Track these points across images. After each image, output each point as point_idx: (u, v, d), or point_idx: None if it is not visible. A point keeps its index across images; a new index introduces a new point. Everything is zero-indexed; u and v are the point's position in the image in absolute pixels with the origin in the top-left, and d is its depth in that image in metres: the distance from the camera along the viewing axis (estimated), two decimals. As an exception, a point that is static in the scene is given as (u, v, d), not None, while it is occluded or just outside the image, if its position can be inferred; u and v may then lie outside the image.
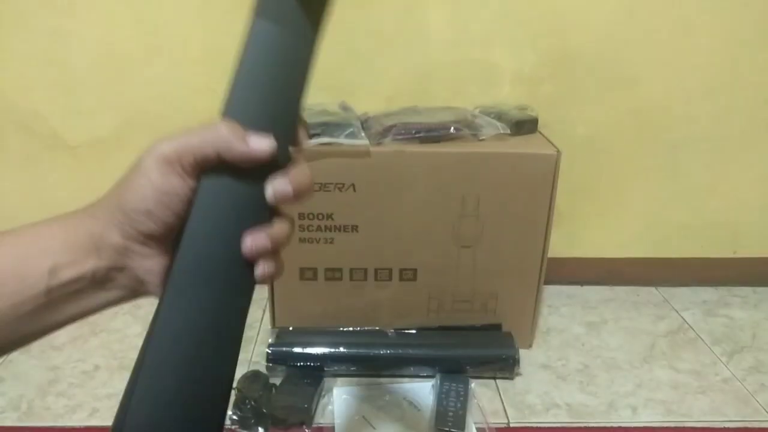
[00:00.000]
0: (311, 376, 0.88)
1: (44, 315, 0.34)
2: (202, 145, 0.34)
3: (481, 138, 0.91)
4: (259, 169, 0.35)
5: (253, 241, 0.35)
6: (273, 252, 0.36)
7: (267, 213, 0.36)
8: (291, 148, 0.37)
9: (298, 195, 0.36)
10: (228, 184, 0.34)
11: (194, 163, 0.34)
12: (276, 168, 0.35)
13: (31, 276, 0.33)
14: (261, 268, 0.36)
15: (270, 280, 0.36)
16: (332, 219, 0.90)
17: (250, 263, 0.35)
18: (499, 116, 0.96)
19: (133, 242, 0.35)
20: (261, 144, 0.35)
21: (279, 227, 0.36)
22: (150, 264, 0.35)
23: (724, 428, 0.85)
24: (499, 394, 0.91)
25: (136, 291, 0.36)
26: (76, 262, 0.34)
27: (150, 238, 0.35)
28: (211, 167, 0.34)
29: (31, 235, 0.34)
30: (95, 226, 0.35)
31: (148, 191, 0.34)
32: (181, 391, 0.34)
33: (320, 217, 0.90)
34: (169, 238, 0.35)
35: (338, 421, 0.83)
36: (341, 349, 0.91)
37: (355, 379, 0.92)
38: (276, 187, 0.35)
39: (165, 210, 0.34)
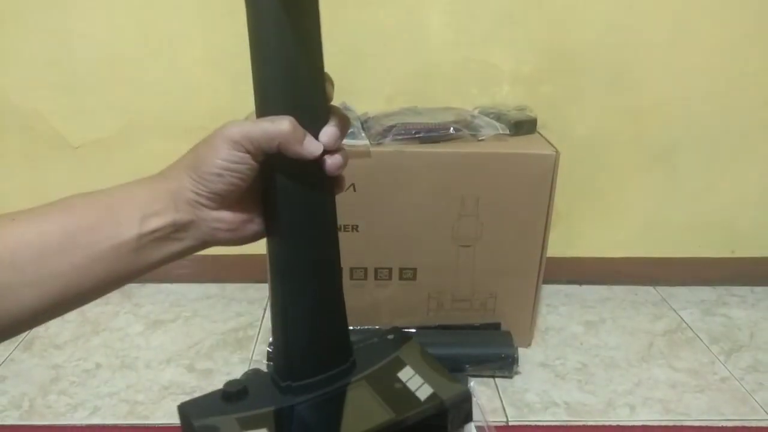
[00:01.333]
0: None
1: (136, 257, 0.40)
2: (266, 136, 0.40)
3: (480, 138, 0.91)
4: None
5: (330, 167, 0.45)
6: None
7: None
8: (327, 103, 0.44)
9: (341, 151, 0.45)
10: (295, 166, 0.42)
11: (258, 148, 0.41)
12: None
13: (125, 223, 0.39)
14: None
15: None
16: (332, 219, 0.90)
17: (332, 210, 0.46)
18: (499, 117, 0.96)
19: (203, 198, 0.41)
20: (312, 147, 0.43)
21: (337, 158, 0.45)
22: (218, 216, 0.42)
23: (722, 427, 0.86)
24: (498, 393, 0.91)
25: (206, 241, 0.43)
26: (160, 213, 0.40)
27: (218, 195, 0.41)
28: (274, 154, 0.41)
29: (122, 191, 0.41)
30: (172, 185, 0.41)
31: (217, 160, 0.40)
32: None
33: (320, 216, 0.90)
34: (234, 196, 0.42)
35: (338, 420, 0.83)
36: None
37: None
38: (329, 164, 0.45)
39: (231, 175, 0.41)
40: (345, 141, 0.86)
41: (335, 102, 1.05)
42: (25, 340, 1.01)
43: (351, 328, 0.95)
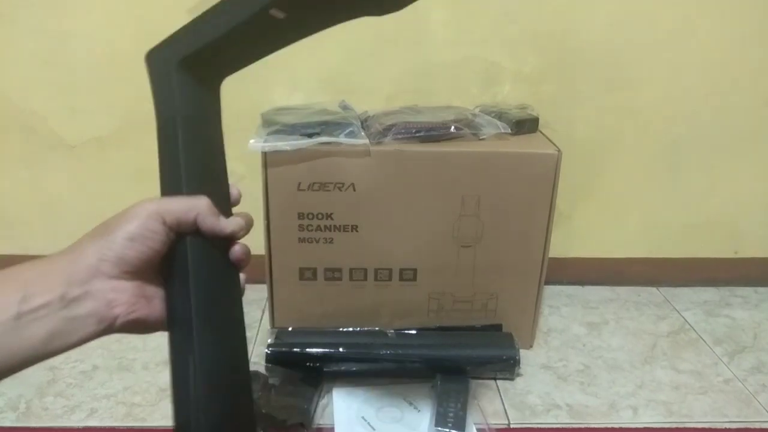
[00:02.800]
0: (311, 376, 0.88)
1: (13, 338, 0.36)
2: (185, 207, 0.42)
3: (481, 137, 0.90)
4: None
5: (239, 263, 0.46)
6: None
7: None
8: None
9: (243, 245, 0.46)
10: (207, 243, 0.43)
11: (174, 220, 0.41)
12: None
13: (3, 302, 0.36)
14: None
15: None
16: (332, 219, 0.90)
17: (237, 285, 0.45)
18: (500, 115, 0.96)
19: (107, 264, 0.39)
20: (225, 224, 0.44)
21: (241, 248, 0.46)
22: (117, 285, 0.39)
23: (726, 429, 0.85)
24: (500, 395, 0.90)
25: (101, 318, 0.39)
26: (46, 289, 0.37)
27: (123, 261, 0.39)
28: (189, 229, 0.42)
29: (8, 270, 0.38)
30: (68, 257, 0.39)
31: (131, 227, 0.40)
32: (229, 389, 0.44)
33: (320, 216, 0.90)
34: (138, 268, 0.40)
35: (338, 422, 0.83)
36: (341, 350, 0.91)
37: (354, 380, 0.91)
38: (236, 250, 0.45)
39: (143, 243, 0.40)
40: (345, 140, 0.85)
41: (335, 101, 1.05)
42: (22, 341, 1.00)
43: (351, 329, 0.95)
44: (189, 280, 0.42)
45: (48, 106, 1.06)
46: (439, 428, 0.80)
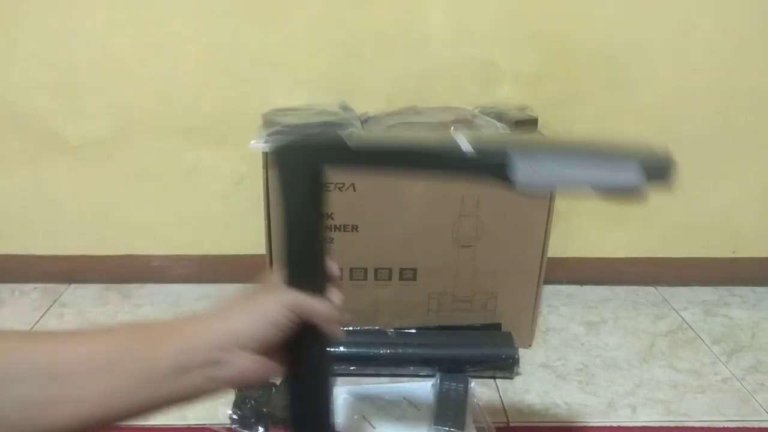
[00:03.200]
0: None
1: (166, 387, 0.41)
2: (310, 311, 0.47)
3: (480, 138, 0.91)
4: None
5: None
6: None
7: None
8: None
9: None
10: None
11: (309, 319, 0.47)
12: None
13: (166, 353, 0.42)
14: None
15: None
16: (332, 219, 0.90)
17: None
18: (499, 116, 0.96)
19: (248, 339, 0.44)
20: (340, 333, 0.51)
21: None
22: (251, 358, 0.44)
23: (724, 428, 0.86)
24: (499, 394, 0.91)
25: (235, 382, 0.45)
26: (200, 348, 0.42)
27: (261, 342, 0.45)
28: (312, 323, 0.48)
29: (171, 321, 0.45)
30: (221, 320, 0.45)
31: (276, 315, 0.45)
32: None
33: (320, 216, 0.90)
34: (269, 346, 0.45)
35: (338, 421, 0.83)
36: (341, 349, 0.91)
37: (354, 379, 0.92)
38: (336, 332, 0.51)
39: (281, 329, 0.45)
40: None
41: (335, 102, 1.06)
42: (24, 340, 1.01)
43: (351, 328, 0.95)
44: (323, 362, 0.52)
45: (49, 106, 1.06)
46: (439, 427, 0.80)
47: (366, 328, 0.95)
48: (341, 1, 1.01)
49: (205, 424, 0.82)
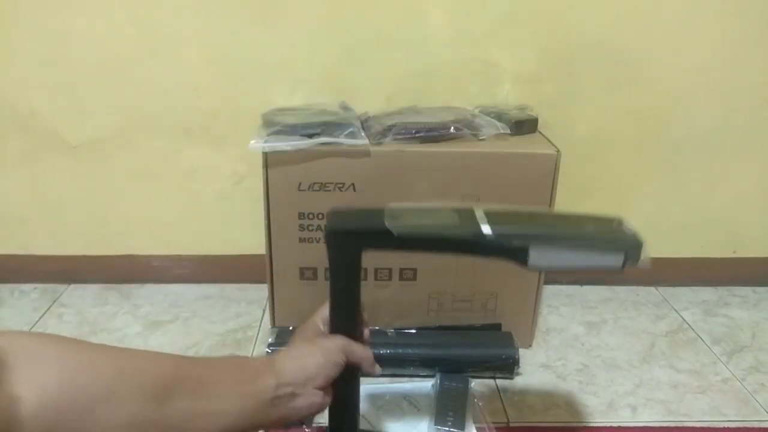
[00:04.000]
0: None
1: (262, 415, 0.51)
2: (359, 358, 0.60)
3: (481, 138, 0.91)
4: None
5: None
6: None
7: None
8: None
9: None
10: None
11: (355, 362, 0.60)
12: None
13: (266, 386, 0.52)
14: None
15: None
16: (332, 219, 0.90)
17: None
18: (499, 116, 0.96)
19: (318, 378, 0.56)
20: (377, 370, 0.63)
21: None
22: (317, 393, 0.56)
23: (724, 428, 0.85)
24: (499, 394, 0.91)
25: (303, 414, 0.55)
26: (287, 383, 0.53)
27: (326, 380, 0.57)
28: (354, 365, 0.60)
29: (268, 357, 0.57)
30: (299, 359, 0.56)
31: (339, 359, 0.57)
32: None
33: (320, 216, 0.90)
34: (323, 386, 0.57)
35: (338, 421, 0.83)
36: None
37: (355, 379, 0.92)
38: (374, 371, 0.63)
39: (339, 369, 0.57)
40: (345, 141, 0.86)
41: (335, 101, 1.06)
42: (24, 340, 1.01)
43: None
44: (357, 395, 0.66)
45: (49, 106, 1.06)
46: (439, 427, 0.80)
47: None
48: (341, 1, 1.01)
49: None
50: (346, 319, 0.62)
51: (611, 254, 0.55)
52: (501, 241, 0.54)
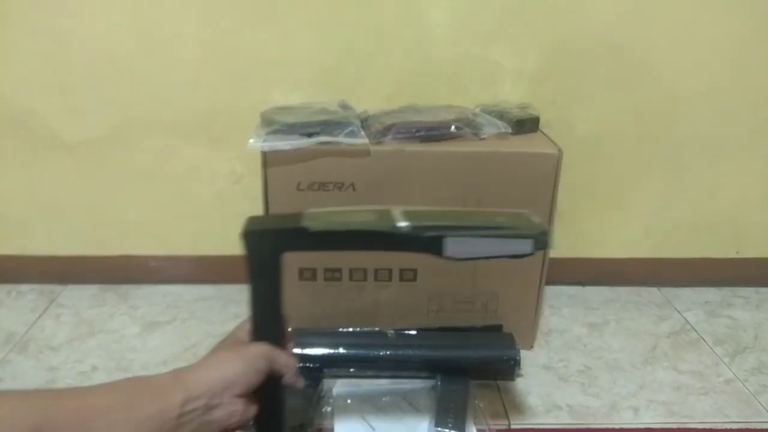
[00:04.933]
0: (311, 377, 0.88)
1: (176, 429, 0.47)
2: (282, 364, 0.57)
3: (482, 137, 0.90)
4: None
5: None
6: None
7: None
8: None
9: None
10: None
11: (278, 370, 0.56)
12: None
13: (172, 403, 0.47)
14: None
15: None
16: (332, 219, 0.89)
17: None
18: (501, 115, 0.95)
19: (237, 385, 0.52)
20: (299, 382, 0.59)
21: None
22: (237, 401, 0.52)
23: (727, 429, 0.85)
24: (500, 396, 0.90)
25: (224, 424, 0.51)
26: (199, 395, 0.49)
27: (247, 387, 0.53)
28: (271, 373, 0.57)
29: (176, 371, 0.50)
30: (214, 368, 0.52)
31: (261, 365, 0.54)
32: None
33: (319, 216, 0.89)
34: (250, 391, 0.54)
35: (338, 423, 0.82)
36: (341, 350, 0.90)
37: (354, 381, 0.91)
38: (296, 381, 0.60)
39: (260, 376, 0.54)
40: (344, 140, 0.85)
41: (334, 100, 1.05)
42: (21, 341, 1.00)
43: (351, 329, 0.95)
44: (282, 405, 0.62)
45: (46, 105, 1.05)
46: (439, 429, 0.80)
47: (366, 329, 0.94)
48: (341, 0, 1.00)
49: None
50: (268, 325, 0.60)
51: (521, 240, 0.58)
52: (416, 233, 0.56)
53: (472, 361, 0.91)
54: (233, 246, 1.15)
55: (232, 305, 1.13)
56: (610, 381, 0.94)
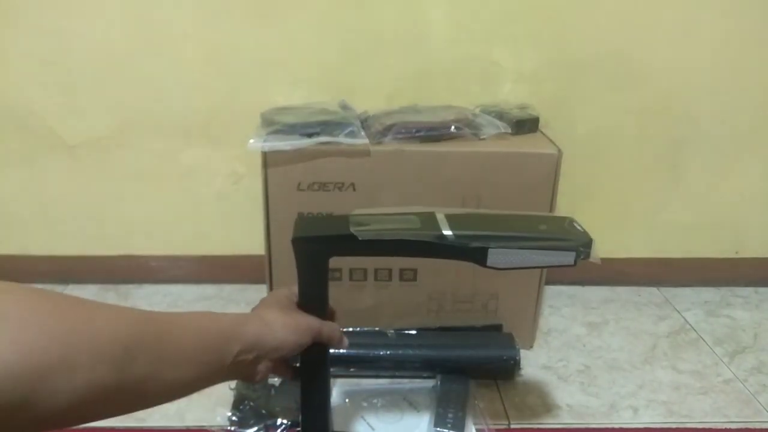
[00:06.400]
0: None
1: (219, 377, 0.52)
2: (331, 337, 0.62)
3: (481, 137, 0.90)
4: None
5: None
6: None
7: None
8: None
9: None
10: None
11: (319, 339, 0.61)
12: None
13: (227, 352, 0.52)
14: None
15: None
16: (332, 219, 0.90)
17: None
18: (500, 115, 0.95)
19: (274, 351, 0.57)
20: (345, 344, 0.66)
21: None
22: (267, 365, 0.57)
23: (726, 429, 0.85)
24: (500, 395, 0.90)
25: (250, 377, 0.56)
26: (246, 350, 0.53)
27: (282, 357, 0.59)
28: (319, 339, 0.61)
29: (234, 323, 0.54)
30: (264, 328, 0.56)
31: (304, 340, 0.59)
32: None
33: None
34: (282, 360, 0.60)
35: (337, 422, 0.82)
36: (340, 350, 0.90)
37: (354, 380, 0.91)
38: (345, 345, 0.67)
39: (300, 349, 0.60)
40: (345, 140, 0.85)
41: (334, 101, 1.05)
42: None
43: (351, 329, 0.95)
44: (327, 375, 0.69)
45: (47, 105, 1.06)
46: (438, 429, 0.80)
47: (366, 329, 0.94)
48: (341, 0, 1.01)
49: (203, 426, 0.82)
50: (312, 311, 0.63)
51: (564, 252, 0.59)
52: (461, 243, 0.57)
53: (472, 361, 0.91)
54: (233, 246, 1.16)
55: (232, 305, 1.13)
56: (610, 381, 0.94)
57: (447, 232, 0.58)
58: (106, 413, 0.43)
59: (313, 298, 0.62)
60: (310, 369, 0.64)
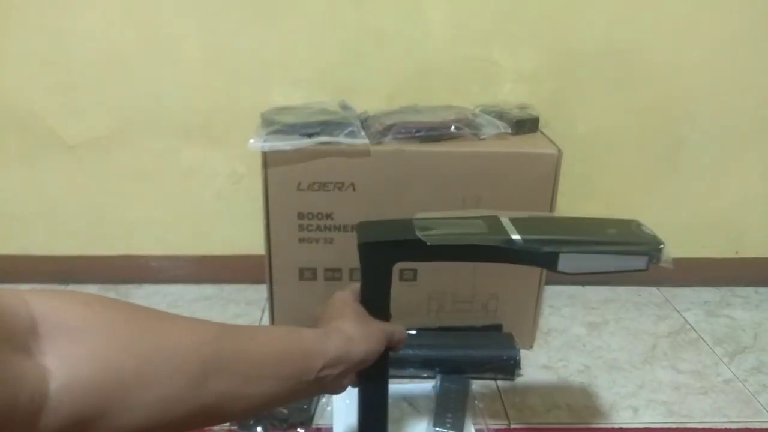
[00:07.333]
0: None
1: (303, 393, 0.52)
2: (400, 339, 0.62)
3: (481, 137, 0.90)
4: None
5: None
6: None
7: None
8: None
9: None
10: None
11: (391, 342, 0.61)
12: None
13: (311, 367, 0.51)
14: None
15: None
16: (332, 219, 0.90)
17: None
18: (500, 115, 0.95)
19: (353, 364, 0.56)
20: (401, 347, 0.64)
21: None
22: (350, 379, 0.58)
23: (726, 429, 0.85)
24: (500, 395, 0.90)
25: (334, 392, 0.58)
26: (329, 364, 0.53)
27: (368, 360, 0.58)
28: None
29: (320, 339, 0.54)
30: (345, 345, 0.55)
31: (378, 348, 0.58)
32: None
33: (320, 217, 0.90)
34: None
35: (337, 422, 0.82)
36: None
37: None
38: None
39: (371, 362, 0.58)
40: (345, 140, 0.85)
41: (334, 101, 1.05)
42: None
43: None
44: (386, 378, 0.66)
45: (47, 105, 1.05)
46: (437, 429, 0.80)
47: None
48: (341, 0, 1.01)
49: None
50: (375, 314, 0.63)
51: (636, 257, 0.58)
52: (532, 248, 0.56)
53: (472, 361, 0.91)
54: (233, 246, 1.16)
55: (232, 305, 1.13)
56: (610, 381, 0.94)
57: (515, 237, 0.57)
58: (183, 427, 0.42)
59: (379, 303, 0.62)
60: (373, 373, 0.62)
